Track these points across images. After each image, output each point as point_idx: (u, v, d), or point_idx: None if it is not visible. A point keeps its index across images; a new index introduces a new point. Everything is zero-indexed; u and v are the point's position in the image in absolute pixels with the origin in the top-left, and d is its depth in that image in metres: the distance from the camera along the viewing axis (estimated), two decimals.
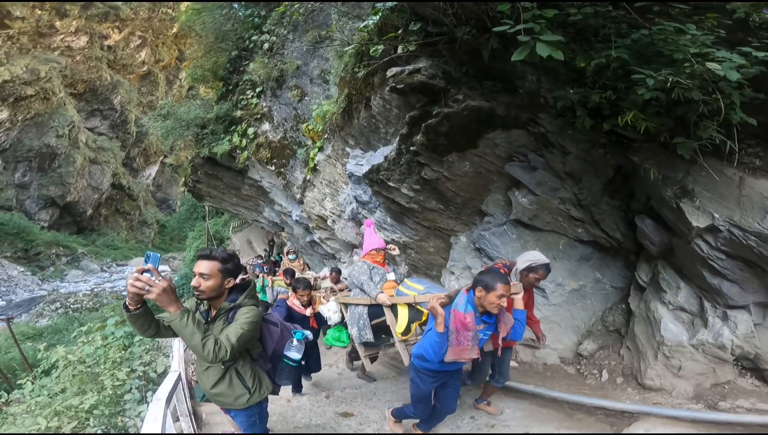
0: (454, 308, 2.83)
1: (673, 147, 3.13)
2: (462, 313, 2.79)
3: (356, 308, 4.49)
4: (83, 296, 25.74)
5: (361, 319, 4.41)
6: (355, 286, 4.50)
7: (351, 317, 4.58)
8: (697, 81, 2.57)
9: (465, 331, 2.79)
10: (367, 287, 4.23)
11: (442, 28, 3.99)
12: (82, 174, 38.35)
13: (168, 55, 47.34)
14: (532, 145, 4.62)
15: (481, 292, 2.78)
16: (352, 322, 4.52)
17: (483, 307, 2.82)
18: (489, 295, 2.74)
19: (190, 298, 2.65)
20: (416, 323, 3.90)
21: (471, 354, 2.86)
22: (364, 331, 4.40)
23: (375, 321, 4.37)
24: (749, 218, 3.21)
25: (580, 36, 3.14)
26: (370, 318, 4.38)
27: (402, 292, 4.03)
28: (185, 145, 12.86)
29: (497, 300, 2.72)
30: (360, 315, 4.43)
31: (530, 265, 3.52)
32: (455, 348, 2.84)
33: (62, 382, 5.05)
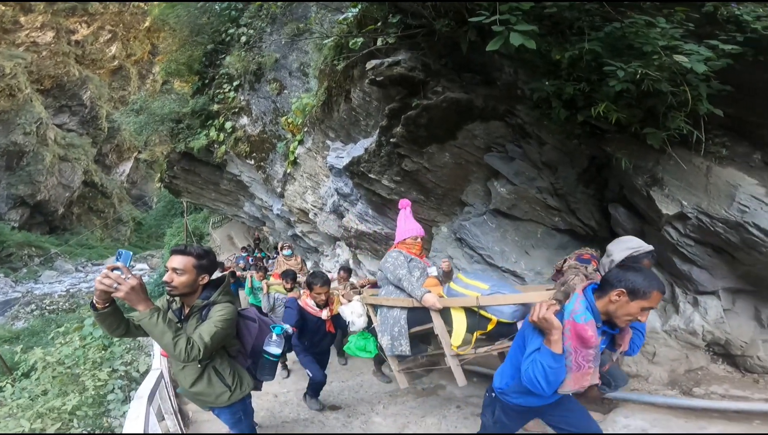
0: (569, 318, 1.98)
1: (643, 137, 3.23)
2: (582, 324, 1.96)
3: (390, 311, 3.53)
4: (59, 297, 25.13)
5: (397, 325, 3.46)
6: (388, 283, 3.59)
7: (383, 322, 3.61)
8: (666, 73, 2.67)
9: (585, 348, 1.99)
10: (407, 284, 3.31)
11: (421, 21, 4.02)
12: (52, 172, 37.14)
13: (140, 50, 46.02)
14: (510, 136, 4.70)
15: (621, 297, 1.94)
16: (384, 329, 3.57)
17: (610, 314, 2.01)
18: (632, 304, 1.93)
19: (162, 296, 2.60)
20: (477, 333, 3.04)
21: (593, 379, 2.07)
22: (399, 342, 3.44)
23: (415, 329, 3.42)
24: (716, 205, 3.35)
25: (555, 29, 3.21)
26: (410, 325, 3.41)
27: (456, 292, 3.23)
28: (160, 140, 12.63)
29: (638, 313, 1.94)
30: (396, 320, 3.47)
31: (632, 254, 2.83)
32: (575, 374, 2.01)
33: (42, 383, 4.97)
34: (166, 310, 2.51)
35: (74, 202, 40.49)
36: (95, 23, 41.38)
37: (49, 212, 37.93)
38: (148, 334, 2.27)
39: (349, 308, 4.12)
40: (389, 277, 3.49)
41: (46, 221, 38.13)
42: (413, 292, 3.26)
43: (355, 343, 4.25)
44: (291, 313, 4.34)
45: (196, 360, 2.28)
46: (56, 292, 27.36)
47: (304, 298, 4.47)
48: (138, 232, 45.31)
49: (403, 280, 3.36)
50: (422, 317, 3.32)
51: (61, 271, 32.65)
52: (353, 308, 4.10)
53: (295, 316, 4.29)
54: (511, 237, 5.15)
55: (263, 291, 6.13)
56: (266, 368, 2.78)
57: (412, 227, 3.72)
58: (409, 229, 3.71)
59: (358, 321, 4.07)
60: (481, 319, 3.02)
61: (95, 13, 40.82)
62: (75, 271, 33.38)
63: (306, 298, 4.47)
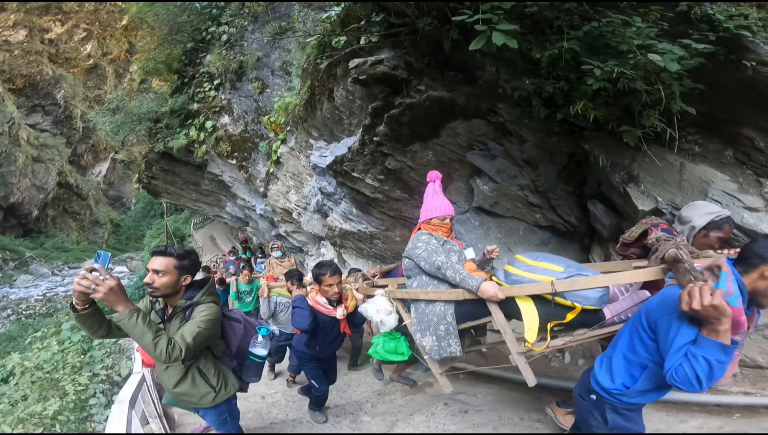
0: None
1: (620, 135, 3.32)
2: (738, 308, 1.70)
3: (431, 307, 2.89)
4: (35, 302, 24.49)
5: (443, 322, 2.83)
6: (420, 273, 2.97)
7: (420, 320, 2.96)
8: (641, 72, 2.75)
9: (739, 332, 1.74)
10: (451, 273, 2.72)
11: (404, 20, 4.05)
12: (25, 173, 36.07)
13: (117, 48, 44.97)
14: (492, 134, 4.76)
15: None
16: (425, 328, 2.93)
17: (756, 293, 1.78)
18: None
19: (145, 297, 2.57)
20: (551, 324, 2.56)
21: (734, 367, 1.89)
22: (448, 342, 2.83)
23: (466, 324, 2.87)
24: (689, 201, 3.46)
25: (536, 28, 3.27)
26: (459, 319, 2.83)
27: (518, 277, 2.63)
28: (138, 140, 12.42)
29: None
30: (440, 317, 2.84)
31: (714, 220, 2.59)
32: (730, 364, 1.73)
33: (22, 389, 4.86)
34: (149, 311, 2.50)
35: (49, 204, 39.39)
36: (70, 21, 40.33)
37: (23, 215, 36.83)
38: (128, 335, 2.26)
39: (374, 305, 3.34)
40: (424, 266, 2.87)
41: (19, 224, 37.01)
42: (463, 282, 2.66)
43: (383, 345, 3.61)
44: (303, 315, 3.69)
45: (177, 360, 2.26)
46: (32, 296, 26.63)
47: (313, 295, 3.82)
48: (116, 234, 44.33)
49: (445, 269, 2.76)
50: (474, 311, 2.78)
51: (36, 275, 31.76)
52: (379, 305, 3.32)
53: (309, 317, 3.68)
54: (494, 234, 5.22)
55: (263, 295, 5.34)
56: (252, 370, 2.78)
57: (439, 205, 3.11)
58: (436, 206, 3.11)
59: (389, 319, 3.30)
60: (557, 308, 2.49)
61: (70, 12, 39.79)
62: (51, 275, 32.51)
63: (315, 295, 3.80)
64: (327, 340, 3.94)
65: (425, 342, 2.94)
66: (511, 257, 4.97)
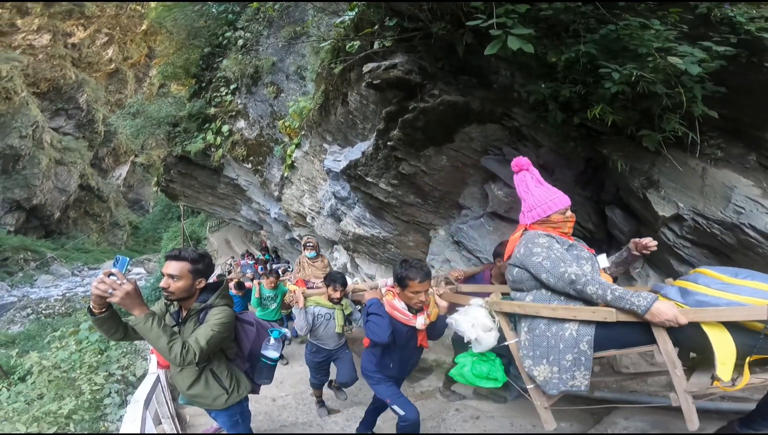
0: None
1: (639, 139, 3.24)
2: None
3: (555, 328, 2.27)
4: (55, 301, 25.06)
5: (572, 349, 2.22)
6: (538, 286, 2.36)
7: (536, 344, 2.33)
8: (661, 75, 2.68)
9: None
10: (596, 288, 2.11)
11: (417, 24, 4.04)
12: (48, 175, 37.04)
13: (137, 53, 46.01)
14: (507, 138, 4.71)
15: None
16: (542, 354, 2.30)
17: None
18: None
19: (160, 299, 2.62)
20: (753, 358, 2.02)
21: None
22: (573, 374, 2.23)
23: (605, 353, 2.28)
24: (712, 207, 3.36)
25: (551, 31, 3.22)
26: (598, 347, 2.22)
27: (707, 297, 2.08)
28: (157, 143, 12.64)
29: None
30: (571, 343, 2.22)
31: None
32: None
33: (38, 387, 4.95)
34: (164, 313, 2.54)
35: (70, 206, 40.36)
36: (92, 26, 41.42)
37: (45, 216, 37.80)
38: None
39: (468, 318, 2.61)
40: (548, 279, 2.24)
41: (42, 225, 37.98)
42: (621, 301, 2.04)
43: (472, 367, 2.81)
44: (382, 324, 2.98)
45: (191, 364, 2.30)
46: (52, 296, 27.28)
47: (390, 298, 3.05)
48: (135, 236, 45.21)
49: (584, 283, 2.13)
50: (626, 337, 2.19)
51: (57, 276, 32.55)
52: (475, 318, 2.59)
53: (388, 327, 2.97)
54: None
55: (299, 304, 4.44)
56: (264, 372, 2.80)
57: (553, 195, 2.47)
58: (550, 198, 2.46)
59: (487, 338, 2.56)
60: (755, 338, 1.95)
61: (92, 16, 40.87)
62: (71, 276, 33.29)
63: (393, 299, 3.05)
64: (403, 356, 3.25)
65: (538, 371, 2.31)
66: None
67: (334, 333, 4.29)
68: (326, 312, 4.30)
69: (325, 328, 4.30)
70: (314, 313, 4.34)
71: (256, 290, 6.67)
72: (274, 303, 6.73)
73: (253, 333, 2.79)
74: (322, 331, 4.31)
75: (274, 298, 6.74)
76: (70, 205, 40.30)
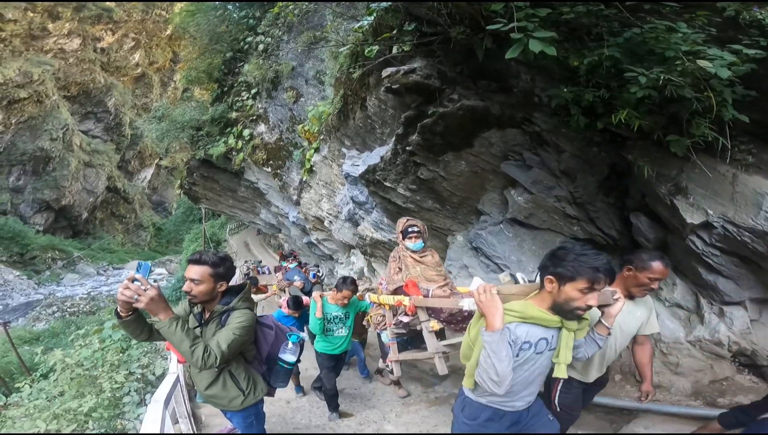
0: None
1: (666, 145, 3.15)
2: None
3: None
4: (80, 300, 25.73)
5: None
6: None
7: None
8: (689, 79, 2.60)
9: None
10: None
11: (436, 28, 4.01)
12: (77, 177, 38.21)
13: (162, 57, 47.27)
14: (527, 144, 4.64)
15: None
16: None
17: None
18: None
19: (183, 300, 2.64)
20: None
21: None
22: None
23: None
24: (743, 214, 3.24)
25: (573, 35, 3.16)
26: None
27: None
28: (180, 147, 12.91)
29: None
30: None
31: None
32: None
33: (60, 385, 5.05)
34: (188, 315, 2.57)
35: (98, 207, 41.54)
36: (120, 31, 42.69)
37: (73, 217, 38.97)
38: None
39: None
40: None
41: (69, 225, 39.16)
42: None
43: None
44: None
45: (213, 367, 2.33)
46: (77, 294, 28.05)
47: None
48: (158, 237, 46.23)
49: None
50: None
51: (83, 275, 33.48)
52: None
53: None
54: (528, 246, 5.07)
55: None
56: (280, 375, 2.80)
57: None
58: None
59: None
60: None
61: (120, 21, 42.13)
62: (96, 275, 34.19)
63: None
64: None
65: None
66: None
67: None
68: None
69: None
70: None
71: (317, 308, 4.40)
72: (343, 327, 4.49)
73: (271, 336, 2.79)
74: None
75: (345, 318, 4.51)
76: (98, 206, 41.47)
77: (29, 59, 34.67)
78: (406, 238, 4.06)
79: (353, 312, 4.57)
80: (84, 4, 38.24)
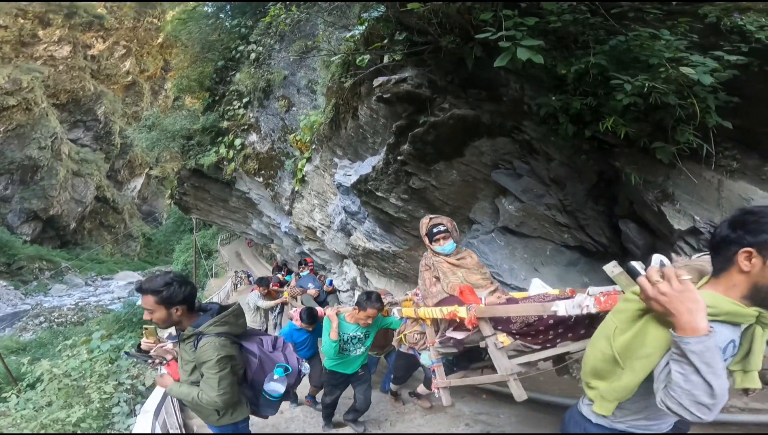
0: None
1: (652, 152, 3.20)
2: None
3: None
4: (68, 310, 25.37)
5: None
6: None
7: None
8: (673, 86, 2.65)
9: None
10: None
11: (426, 38, 4.06)
12: (65, 187, 37.79)
13: (153, 65, 47.18)
14: (517, 152, 4.69)
15: None
16: None
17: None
18: None
19: None
20: None
21: None
22: None
23: None
24: None
25: (560, 43, 3.22)
26: None
27: None
28: (171, 156, 12.84)
29: None
30: None
31: None
32: None
33: (48, 395, 4.98)
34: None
35: (86, 217, 41.06)
36: (110, 38, 42.58)
37: (61, 226, 38.47)
38: None
39: None
40: None
41: (57, 235, 38.64)
42: None
43: None
44: None
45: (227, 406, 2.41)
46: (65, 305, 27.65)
47: None
48: (147, 247, 45.76)
49: None
50: None
51: (70, 285, 33.01)
52: None
53: None
54: (520, 254, 5.10)
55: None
56: (266, 406, 2.67)
57: None
58: None
59: None
60: None
61: (111, 28, 42.03)
62: (85, 285, 33.75)
63: None
64: None
65: None
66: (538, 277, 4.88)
67: None
68: None
69: None
70: None
71: (332, 329, 3.71)
72: (362, 346, 3.89)
73: (255, 364, 2.60)
74: None
75: (364, 338, 3.88)
76: (86, 216, 41.00)
77: (19, 66, 34.43)
78: (433, 242, 3.47)
79: (375, 331, 3.95)
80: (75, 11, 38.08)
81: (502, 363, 2.75)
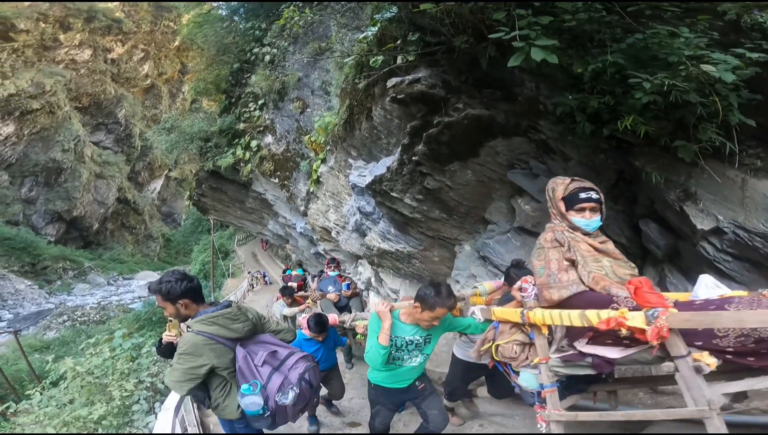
0: None
1: (673, 150, 3.12)
2: None
3: None
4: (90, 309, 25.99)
5: None
6: None
7: None
8: (694, 84, 2.58)
9: None
10: None
11: (440, 38, 4.03)
12: (88, 188, 38.71)
13: (171, 69, 48.01)
14: (533, 152, 4.62)
15: None
16: None
17: None
18: None
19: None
20: None
21: None
22: None
23: None
24: (753, 219, 3.19)
25: (576, 42, 3.16)
26: None
27: None
28: (189, 158, 13.03)
29: None
30: None
31: None
32: None
33: (70, 393, 5.09)
34: None
35: (108, 218, 42.01)
36: (129, 42, 43.46)
37: (84, 227, 39.43)
38: None
39: None
40: None
41: (81, 236, 39.62)
42: None
43: None
44: None
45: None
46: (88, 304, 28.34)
47: None
48: (167, 248, 46.60)
49: None
50: None
51: (93, 284, 33.83)
52: None
53: None
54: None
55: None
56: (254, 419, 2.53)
57: None
58: None
59: None
60: None
61: (129, 32, 42.91)
62: (107, 285, 34.53)
63: None
64: None
65: None
66: None
67: None
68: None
69: None
70: None
71: (383, 330, 2.68)
72: (419, 355, 2.87)
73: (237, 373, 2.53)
74: None
75: (424, 344, 2.85)
76: (108, 217, 41.95)
77: (41, 70, 35.36)
78: (573, 210, 2.51)
79: (439, 335, 2.95)
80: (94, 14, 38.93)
81: (697, 391, 1.95)
